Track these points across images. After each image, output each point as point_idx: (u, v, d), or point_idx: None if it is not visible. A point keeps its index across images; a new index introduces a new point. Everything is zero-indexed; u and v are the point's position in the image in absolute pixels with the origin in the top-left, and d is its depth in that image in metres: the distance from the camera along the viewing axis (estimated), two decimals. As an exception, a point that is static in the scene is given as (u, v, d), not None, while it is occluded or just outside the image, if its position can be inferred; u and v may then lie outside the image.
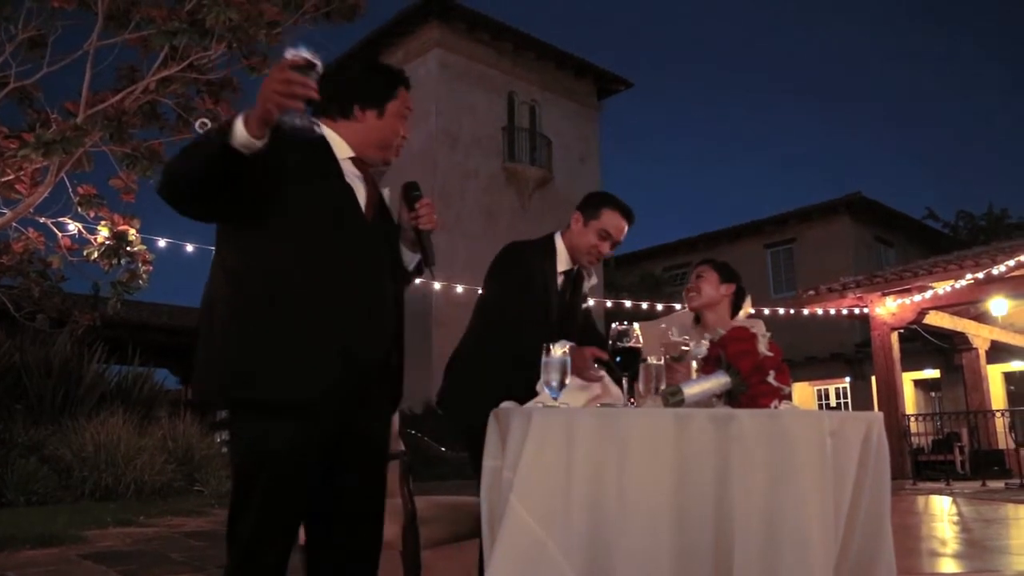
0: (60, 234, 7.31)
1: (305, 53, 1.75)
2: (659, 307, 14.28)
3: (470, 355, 2.90)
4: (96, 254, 7.07)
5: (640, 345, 2.24)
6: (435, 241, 2.16)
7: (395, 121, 2.11)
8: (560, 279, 2.86)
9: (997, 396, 18.71)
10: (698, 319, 3.20)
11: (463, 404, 2.79)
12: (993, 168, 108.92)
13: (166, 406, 11.25)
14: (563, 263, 2.87)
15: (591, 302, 3.18)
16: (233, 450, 1.91)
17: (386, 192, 2.15)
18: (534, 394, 2.24)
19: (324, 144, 2.02)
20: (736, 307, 3.18)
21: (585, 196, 2.97)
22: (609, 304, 15.77)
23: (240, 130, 1.72)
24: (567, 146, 22.01)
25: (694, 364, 2.28)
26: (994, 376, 18.42)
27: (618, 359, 2.22)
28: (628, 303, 14.75)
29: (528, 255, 2.82)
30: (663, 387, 2.12)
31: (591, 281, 3.04)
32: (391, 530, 2.47)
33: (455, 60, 20.44)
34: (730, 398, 2.07)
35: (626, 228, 2.88)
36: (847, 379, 22.43)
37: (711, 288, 3.14)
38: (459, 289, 11.82)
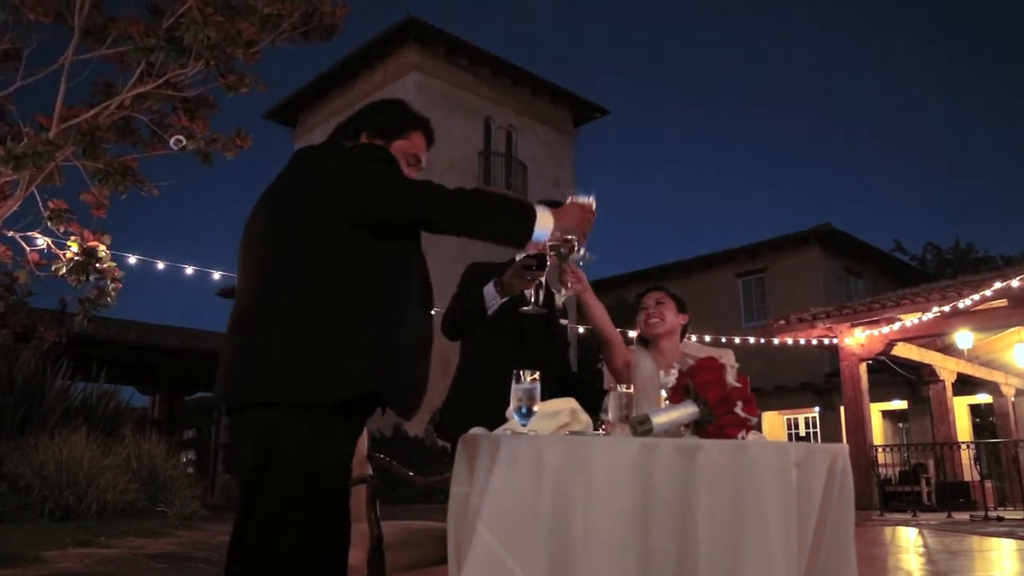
0: (28, 248, 7.21)
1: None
2: (631, 333, 14.31)
3: (456, 375, 3.06)
4: (64, 269, 6.98)
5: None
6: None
7: (398, 159, 2.14)
8: (530, 294, 2.92)
9: (963, 428, 18.95)
10: (644, 344, 3.17)
11: (448, 423, 2.86)
12: (960, 203, 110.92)
13: (131, 424, 11.09)
14: None
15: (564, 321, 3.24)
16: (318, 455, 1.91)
17: None
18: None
19: None
20: (682, 336, 3.20)
21: None
22: (581, 330, 15.80)
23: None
24: (542, 171, 22.14)
25: (663, 393, 2.28)
26: (960, 408, 18.66)
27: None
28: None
29: (484, 270, 2.91)
30: (632, 416, 2.13)
31: (563, 296, 3.09)
32: (356, 555, 2.44)
33: (433, 83, 20.53)
34: (697, 428, 2.08)
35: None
36: (816, 409, 22.59)
37: (672, 315, 3.13)
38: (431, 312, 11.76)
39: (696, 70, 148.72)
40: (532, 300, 2.75)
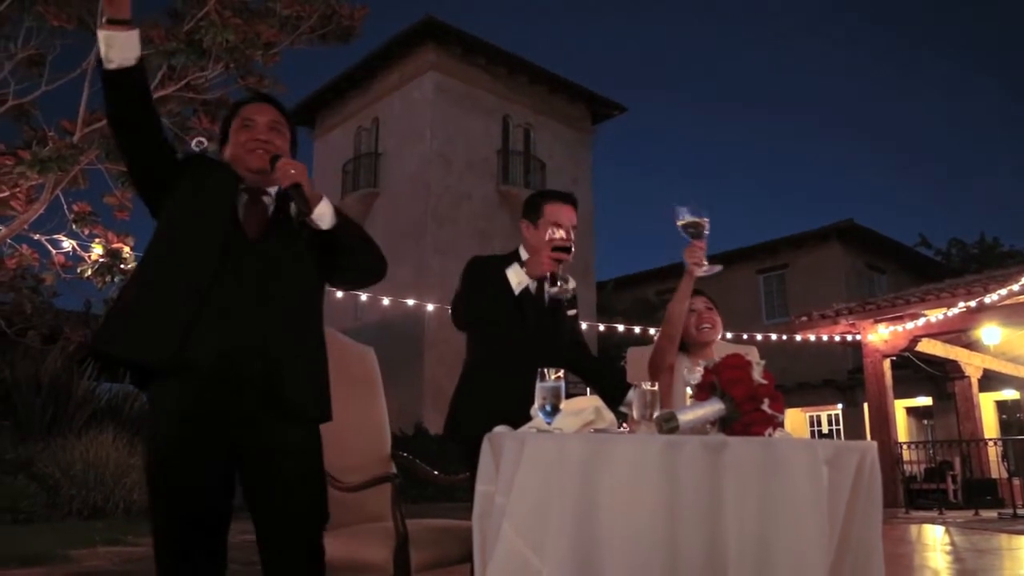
0: (54, 251, 7.31)
1: None
2: (651, 331, 14.28)
3: (464, 371, 2.91)
4: (89, 271, 7.06)
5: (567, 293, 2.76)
6: (431, 264, 2.20)
7: (236, 137, 2.37)
8: (532, 286, 2.82)
9: (989, 425, 18.72)
10: (683, 347, 3.08)
11: (460, 419, 2.79)
12: (986, 197, 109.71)
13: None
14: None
15: (574, 311, 3.13)
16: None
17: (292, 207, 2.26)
18: (528, 393, 2.17)
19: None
20: None
21: (524, 203, 3.02)
22: (602, 328, 15.78)
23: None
24: (561, 169, 22.10)
25: (688, 391, 2.28)
26: (986, 405, 18.43)
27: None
28: (621, 327, 14.77)
29: (489, 263, 2.81)
30: (657, 413, 2.12)
31: (570, 285, 3.01)
32: (381, 553, 2.46)
33: (450, 83, 20.54)
34: (723, 425, 2.07)
35: (572, 212, 2.92)
36: (839, 406, 22.42)
37: (720, 319, 3.10)
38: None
39: (717, 66, 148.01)
40: (559, 284, 2.69)
